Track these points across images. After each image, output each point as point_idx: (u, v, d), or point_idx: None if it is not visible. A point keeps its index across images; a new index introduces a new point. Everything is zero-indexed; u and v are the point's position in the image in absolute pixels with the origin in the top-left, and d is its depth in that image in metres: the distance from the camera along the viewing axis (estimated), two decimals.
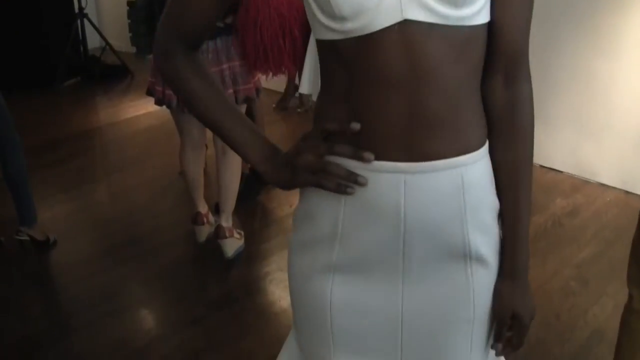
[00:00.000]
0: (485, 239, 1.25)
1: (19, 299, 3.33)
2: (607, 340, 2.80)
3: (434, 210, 1.18)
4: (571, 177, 4.42)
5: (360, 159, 1.15)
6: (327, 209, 1.23)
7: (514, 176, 1.26)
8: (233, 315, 3.15)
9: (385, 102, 1.12)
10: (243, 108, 3.40)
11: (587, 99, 4.27)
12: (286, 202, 4.11)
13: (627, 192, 4.18)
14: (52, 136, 5.39)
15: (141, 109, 5.88)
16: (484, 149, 1.23)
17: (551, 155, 4.46)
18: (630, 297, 2.13)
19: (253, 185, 4.10)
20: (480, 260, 1.25)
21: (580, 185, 4.32)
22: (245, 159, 1.30)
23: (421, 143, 1.14)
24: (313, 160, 1.20)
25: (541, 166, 4.51)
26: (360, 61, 1.12)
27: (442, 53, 1.10)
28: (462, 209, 1.20)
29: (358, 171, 1.16)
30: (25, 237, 3.67)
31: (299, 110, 5.63)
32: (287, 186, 1.26)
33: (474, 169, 1.20)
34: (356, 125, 1.14)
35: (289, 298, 3.10)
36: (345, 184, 1.17)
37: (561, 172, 4.48)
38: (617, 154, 4.24)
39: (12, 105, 3.53)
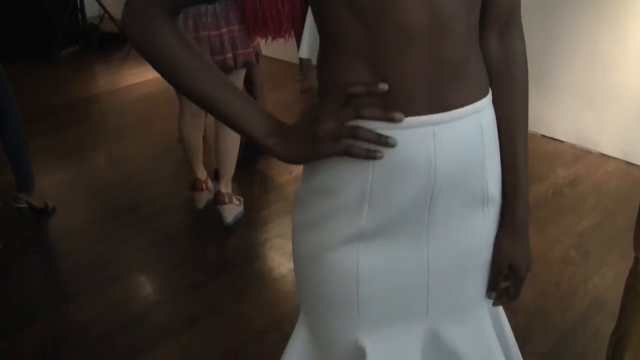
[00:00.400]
0: (496, 185, 1.29)
1: (17, 265, 3.32)
2: (607, 310, 2.80)
3: (461, 158, 1.19)
4: (573, 147, 4.40)
5: (391, 119, 1.11)
6: (353, 177, 1.17)
7: (511, 129, 1.29)
8: (232, 281, 3.14)
9: (408, 56, 1.11)
10: (242, 74, 3.37)
11: (590, 69, 4.23)
12: (286, 169, 4.08)
13: (628, 163, 4.16)
14: (50, 104, 5.36)
15: (140, 77, 5.84)
16: (490, 95, 1.26)
17: (553, 125, 4.44)
18: (636, 260, 2.08)
19: (252, 152, 4.07)
20: (493, 204, 1.29)
21: (582, 155, 4.30)
22: (248, 136, 1.17)
23: (444, 93, 1.15)
24: (336, 127, 1.12)
25: (543, 136, 4.48)
26: (382, 16, 1.09)
27: (458, 3, 1.12)
28: (482, 154, 1.23)
29: (384, 132, 1.12)
30: (24, 204, 3.66)
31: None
32: (305, 159, 1.18)
33: (488, 114, 1.24)
34: (384, 86, 1.11)
35: (288, 264, 3.15)
36: (374, 149, 1.13)
37: (563, 142, 4.45)
38: (619, 124, 4.21)
39: (10, 74, 3.49)
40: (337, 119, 1.12)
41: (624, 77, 4.09)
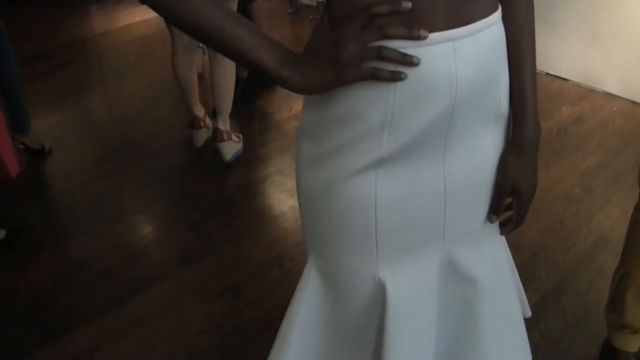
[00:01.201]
0: (507, 102, 1.26)
1: (14, 207, 3.28)
2: (611, 248, 2.77)
3: (480, 73, 1.15)
4: (578, 85, 4.33)
5: (417, 37, 1.06)
6: (373, 103, 1.11)
7: (519, 49, 1.25)
8: (231, 218, 3.11)
9: None
10: (235, 3, 3.28)
11: (596, 6, 4.14)
12: (286, 106, 4.02)
13: (633, 102, 4.10)
14: (45, 46, 5.26)
15: (136, 17, 5.73)
16: (500, 10, 1.22)
17: (558, 63, 4.37)
18: None
19: (251, 90, 4.01)
20: (503, 121, 1.26)
21: (587, 94, 4.23)
22: (260, 69, 1.09)
23: (462, 7, 1.10)
24: (361, 50, 1.05)
25: (548, 74, 4.41)
26: None
27: None
28: (499, 67, 1.21)
29: (406, 51, 1.07)
30: (20, 146, 3.60)
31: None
32: (327, 87, 1.11)
33: (500, 27, 1.21)
34: (407, 3, 1.04)
35: (288, 201, 3.11)
36: (399, 70, 1.07)
37: (568, 80, 4.38)
38: (625, 63, 4.13)
39: (2, 15, 3.42)
40: (361, 41, 1.05)
41: (631, 15, 4.00)
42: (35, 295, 2.73)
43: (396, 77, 1.06)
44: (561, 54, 4.35)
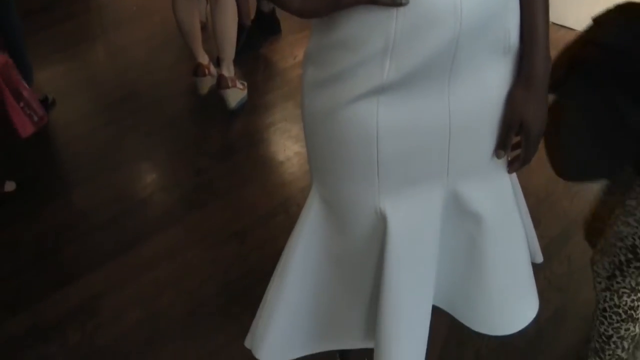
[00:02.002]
0: (517, 34, 1.21)
1: (20, 159, 3.26)
2: None
3: (486, 3, 1.11)
4: None
5: None
6: (375, 29, 1.09)
7: None
8: (237, 165, 3.08)
9: None
10: None
11: None
12: (290, 54, 3.97)
13: None
14: None
15: None
16: None
17: (564, 12, 4.27)
18: None
19: (255, 38, 3.96)
20: (512, 54, 1.22)
21: None
22: None
23: None
24: None
25: (553, 23, 4.32)
26: None
27: None
28: None
29: None
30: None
31: None
32: (328, 9, 1.10)
33: None
34: None
35: (293, 147, 3.08)
36: None
37: (574, 30, 4.28)
38: None
39: None
40: None
41: None
42: (41, 243, 2.73)
43: (396, 3, 1.04)
44: (568, 3, 4.27)
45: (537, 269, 1.49)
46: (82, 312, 2.40)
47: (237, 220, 2.71)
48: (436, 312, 1.48)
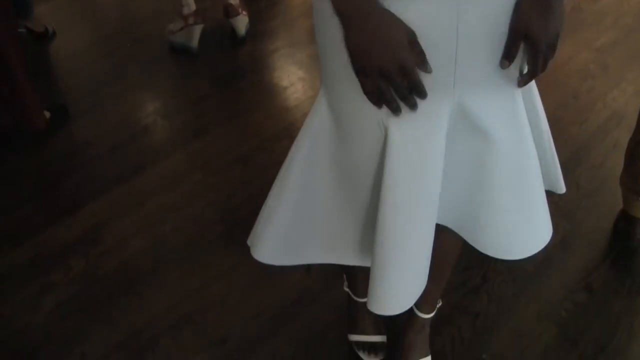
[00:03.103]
0: None
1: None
2: (626, 124, 2.72)
3: None
4: None
5: None
6: None
7: None
8: (240, 91, 3.03)
9: None
10: None
11: None
12: None
13: None
14: None
15: None
16: None
17: None
18: None
19: None
20: None
21: None
22: None
23: None
24: None
25: None
26: None
27: None
28: None
29: None
30: (23, 30, 3.50)
31: None
32: None
33: None
34: None
35: (298, 72, 3.02)
36: None
37: None
38: None
39: None
40: None
41: None
42: (43, 174, 2.71)
43: None
44: None
45: (546, 195, 1.44)
46: (86, 241, 2.38)
47: (241, 146, 2.67)
48: (446, 233, 1.45)
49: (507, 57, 1.17)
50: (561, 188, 1.50)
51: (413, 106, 1.11)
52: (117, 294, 2.18)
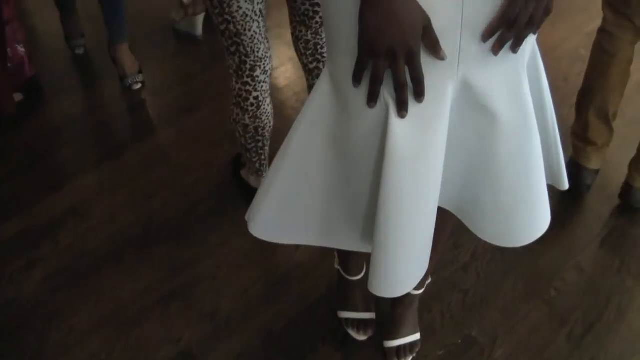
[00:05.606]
0: None
1: None
2: None
3: None
4: None
5: None
6: None
7: None
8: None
9: None
10: None
11: None
12: None
13: None
14: None
15: None
16: None
17: None
18: (604, 20, 2.28)
19: None
20: None
21: None
22: None
23: None
24: None
25: None
26: None
27: None
28: None
29: None
30: None
31: None
32: None
33: None
34: None
35: (288, 52, 3.01)
36: None
37: None
38: None
39: None
40: None
41: None
42: (32, 148, 2.69)
43: None
44: None
45: None
46: (74, 215, 2.37)
47: (231, 123, 2.65)
48: (439, 210, 1.42)
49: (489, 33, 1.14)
50: (564, 184, 1.48)
51: (403, 103, 1.11)
52: (105, 268, 2.17)
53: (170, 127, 2.75)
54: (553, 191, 1.45)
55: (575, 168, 2.38)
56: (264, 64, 1.98)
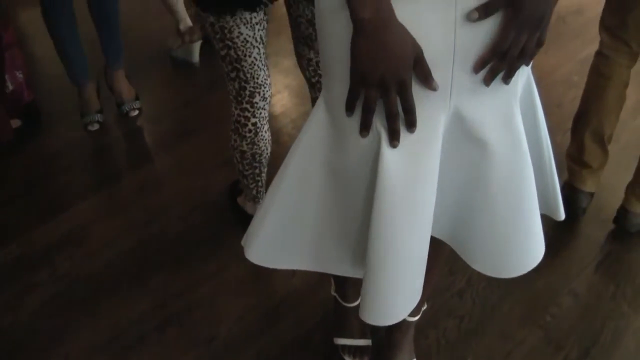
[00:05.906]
0: None
1: None
2: None
3: None
4: None
5: None
6: None
7: None
8: (226, 96, 2.98)
9: None
10: None
11: None
12: None
13: None
14: None
15: None
16: None
17: None
18: (601, 43, 2.31)
19: None
20: None
21: None
22: None
23: None
24: None
25: None
26: None
27: None
28: None
29: None
30: None
31: None
32: None
33: None
34: None
35: (284, 81, 3.07)
36: None
37: None
38: None
39: None
40: None
41: None
42: (30, 174, 2.70)
43: None
44: None
45: None
46: (72, 241, 2.37)
47: (228, 150, 2.67)
48: (434, 241, 1.41)
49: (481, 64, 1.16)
50: (560, 214, 1.47)
51: (394, 132, 1.12)
52: (102, 294, 2.17)
53: (167, 153, 2.77)
54: (548, 216, 1.46)
55: (570, 191, 2.40)
56: (263, 91, 2.00)
